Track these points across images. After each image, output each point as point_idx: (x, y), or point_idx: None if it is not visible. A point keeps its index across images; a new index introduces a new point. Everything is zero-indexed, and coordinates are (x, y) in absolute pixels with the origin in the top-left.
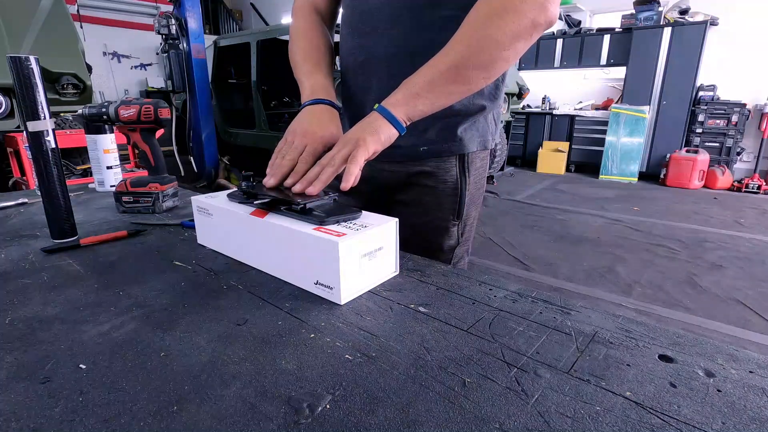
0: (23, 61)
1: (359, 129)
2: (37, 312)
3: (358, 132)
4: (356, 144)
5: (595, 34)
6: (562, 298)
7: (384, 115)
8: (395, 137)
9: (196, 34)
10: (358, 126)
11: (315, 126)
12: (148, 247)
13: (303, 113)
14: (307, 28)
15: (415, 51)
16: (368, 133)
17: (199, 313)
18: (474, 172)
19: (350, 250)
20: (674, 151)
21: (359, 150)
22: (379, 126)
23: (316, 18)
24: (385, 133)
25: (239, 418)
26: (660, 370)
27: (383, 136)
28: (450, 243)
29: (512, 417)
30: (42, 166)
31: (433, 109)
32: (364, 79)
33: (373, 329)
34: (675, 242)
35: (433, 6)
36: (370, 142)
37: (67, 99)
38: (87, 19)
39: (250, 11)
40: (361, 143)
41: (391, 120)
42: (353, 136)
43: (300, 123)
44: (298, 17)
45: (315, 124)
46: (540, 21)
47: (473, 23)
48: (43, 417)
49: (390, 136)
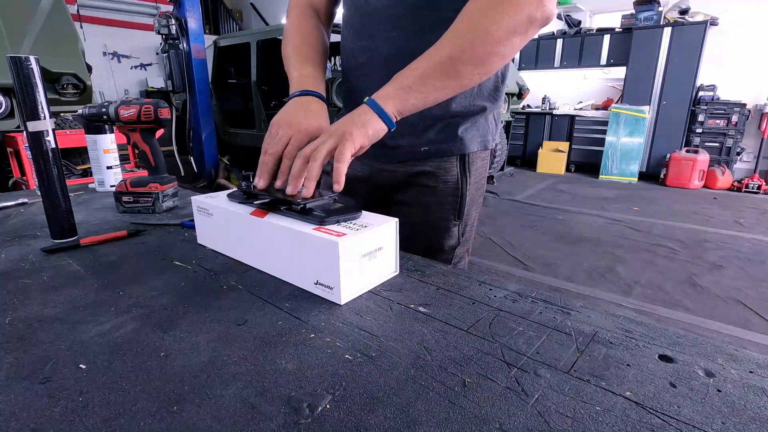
0: (23, 61)
1: (347, 121)
2: (37, 312)
3: (345, 124)
4: (342, 137)
5: (595, 34)
6: (562, 298)
7: (374, 109)
8: (384, 132)
9: (196, 34)
10: (347, 118)
11: (300, 117)
12: (148, 247)
13: (289, 104)
14: (300, 25)
15: (415, 52)
16: (356, 126)
17: (199, 313)
18: (475, 172)
19: (350, 250)
20: (674, 151)
21: (345, 145)
22: (367, 119)
23: (311, 15)
24: (372, 128)
25: (239, 418)
26: (660, 370)
27: (371, 131)
28: (450, 243)
29: (512, 417)
30: (42, 166)
31: (426, 104)
32: (364, 80)
33: (373, 329)
34: (675, 242)
35: (433, 8)
36: (357, 136)
37: (67, 99)
38: (87, 19)
39: (250, 11)
40: (347, 137)
41: (381, 114)
42: (339, 129)
43: (285, 114)
44: (292, 14)
45: (301, 115)
46: (536, 16)
47: (469, 17)
48: (43, 417)
49: (378, 131)
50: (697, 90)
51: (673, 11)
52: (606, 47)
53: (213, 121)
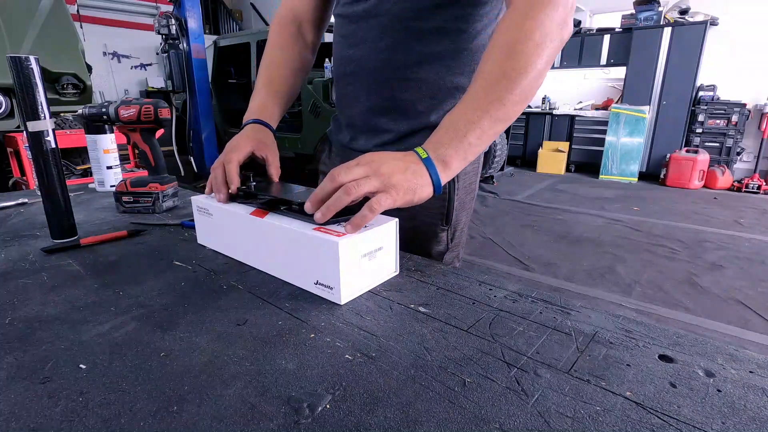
0: (23, 61)
1: (400, 171)
2: (37, 312)
3: (398, 176)
4: (387, 188)
5: (595, 34)
6: (562, 298)
7: (432, 178)
8: (422, 202)
9: (196, 34)
10: (402, 164)
11: (241, 143)
12: (148, 247)
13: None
14: (275, 49)
15: (403, 63)
16: (405, 188)
17: (199, 313)
18: (463, 177)
19: (350, 250)
20: (674, 151)
21: (386, 199)
22: (420, 187)
23: (291, 34)
24: (420, 197)
25: (239, 418)
26: (660, 370)
27: (416, 199)
28: (439, 248)
29: (512, 417)
30: (42, 166)
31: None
32: (353, 89)
33: (373, 329)
34: (675, 242)
35: (421, 18)
36: (401, 198)
37: (67, 99)
38: (87, 19)
39: (250, 11)
40: (392, 193)
41: (436, 188)
42: (390, 176)
43: (230, 142)
44: (272, 32)
45: (241, 141)
46: (564, 36)
47: (507, 51)
48: (43, 417)
49: (421, 199)
50: (697, 90)
51: (673, 11)
52: (606, 47)
53: (213, 121)
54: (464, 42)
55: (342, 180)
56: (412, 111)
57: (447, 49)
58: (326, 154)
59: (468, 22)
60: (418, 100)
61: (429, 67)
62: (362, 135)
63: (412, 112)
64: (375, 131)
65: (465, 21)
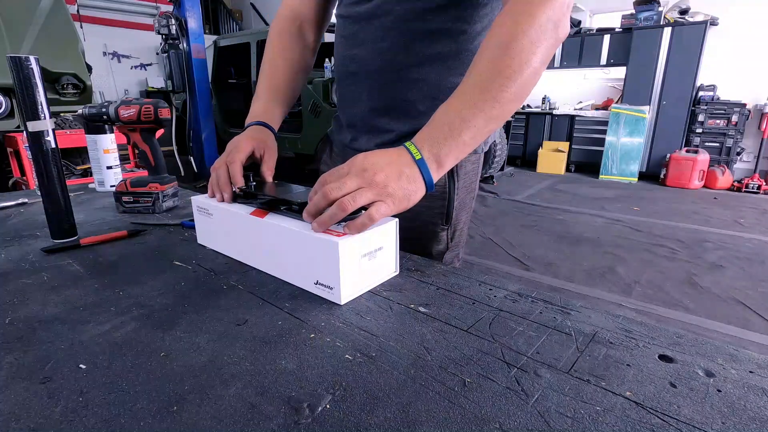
0: (23, 61)
1: (394, 177)
2: (37, 312)
3: (392, 182)
4: (382, 196)
5: (595, 34)
6: (562, 298)
7: (425, 179)
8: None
9: (196, 34)
10: (395, 168)
11: (243, 143)
12: (148, 247)
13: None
14: (276, 51)
15: (404, 64)
16: (400, 195)
17: (199, 313)
18: (464, 176)
19: (350, 250)
20: (674, 151)
21: (383, 208)
22: (413, 192)
23: (292, 34)
24: (413, 201)
25: (239, 418)
26: (660, 370)
27: (411, 204)
28: (439, 248)
29: (512, 417)
30: (42, 166)
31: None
32: (354, 90)
33: (373, 329)
34: (675, 242)
35: (423, 19)
36: (396, 204)
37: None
38: (87, 19)
39: (250, 11)
40: (388, 201)
41: (429, 187)
42: (385, 185)
43: (231, 142)
44: (273, 32)
45: (243, 141)
46: (560, 36)
47: (503, 49)
48: (43, 417)
49: (414, 203)
50: (697, 90)
51: (673, 11)
52: (606, 47)
53: (213, 121)
54: (465, 42)
55: (335, 196)
56: (414, 111)
57: (448, 50)
58: (327, 154)
59: (469, 22)
60: (420, 101)
61: (430, 67)
62: (363, 135)
63: (414, 112)
64: (376, 131)
65: (466, 22)
